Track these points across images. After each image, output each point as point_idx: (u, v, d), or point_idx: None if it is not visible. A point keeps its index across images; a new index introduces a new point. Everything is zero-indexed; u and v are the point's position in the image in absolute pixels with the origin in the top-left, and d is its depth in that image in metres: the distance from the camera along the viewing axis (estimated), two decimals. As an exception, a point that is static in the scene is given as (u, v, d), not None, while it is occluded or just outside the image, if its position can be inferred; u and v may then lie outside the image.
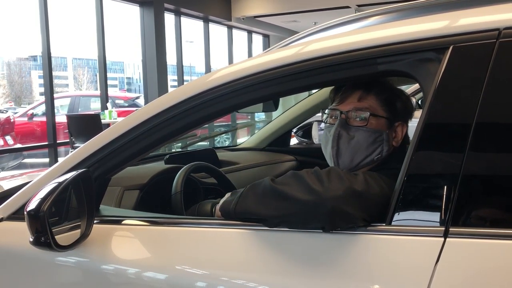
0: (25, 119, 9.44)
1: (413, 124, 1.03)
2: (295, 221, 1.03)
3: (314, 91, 2.39)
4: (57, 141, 7.06)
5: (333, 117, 1.34)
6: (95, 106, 9.71)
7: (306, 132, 2.76)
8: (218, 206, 1.24)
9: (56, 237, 1.12)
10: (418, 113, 1.07)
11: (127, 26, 14.25)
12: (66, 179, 1.15)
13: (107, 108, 7.31)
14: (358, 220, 0.99)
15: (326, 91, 2.13)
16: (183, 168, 1.69)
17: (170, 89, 9.09)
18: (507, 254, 0.88)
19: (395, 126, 1.33)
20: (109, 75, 7.95)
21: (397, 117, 1.33)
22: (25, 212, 1.09)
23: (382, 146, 1.29)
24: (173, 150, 3.55)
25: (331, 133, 1.30)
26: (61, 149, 7.45)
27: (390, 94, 1.34)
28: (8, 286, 1.32)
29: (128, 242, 1.25)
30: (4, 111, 8.36)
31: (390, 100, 1.33)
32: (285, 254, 1.05)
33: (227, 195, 1.24)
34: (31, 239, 1.10)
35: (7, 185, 1.87)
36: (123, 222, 1.28)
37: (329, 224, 1.00)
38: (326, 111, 1.37)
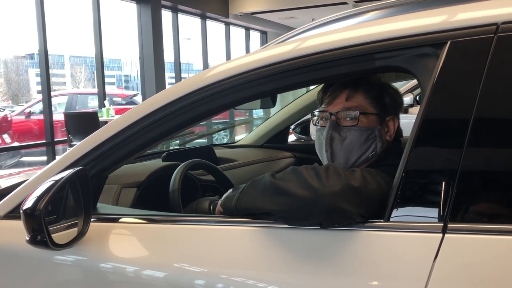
0: (23, 117, 9.42)
1: (411, 120, 1.03)
2: (293, 216, 1.03)
3: (312, 87, 2.39)
4: (55, 139, 7.05)
5: (324, 119, 1.33)
6: (92, 104, 9.69)
7: (304, 128, 2.77)
8: (219, 202, 1.24)
9: (53, 235, 1.11)
10: (416, 109, 1.07)
11: (124, 23, 14.21)
12: (63, 177, 1.14)
13: (104, 106, 7.30)
14: (355, 216, 0.99)
15: (323, 87, 2.13)
16: (180, 166, 1.69)
17: (167, 87, 9.07)
18: (505, 250, 0.87)
19: (386, 121, 1.33)
20: (106, 72, 7.94)
21: (387, 112, 1.33)
22: (21, 211, 1.09)
23: (376, 143, 1.29)
24: (170, 148, 3.54)
25: (324, 136, 1.30)
26: (59, 147, 7.44)
27: (377, 90, 1.33)
28: (5, 285, 1.32)
29: (126, 240, 1.24)
30: (2, 110, 8.34)
31: (378, 96, 1.32)
32: (284, 251, 1.05)
33: (229, 191, 1.24)
34: (28, 238, 1.09)
35: (4, 183, 1.86)
36: (121, 220, 1.28)
37: (326, 220, 1.00)
38: (316, 113, 1.36)
